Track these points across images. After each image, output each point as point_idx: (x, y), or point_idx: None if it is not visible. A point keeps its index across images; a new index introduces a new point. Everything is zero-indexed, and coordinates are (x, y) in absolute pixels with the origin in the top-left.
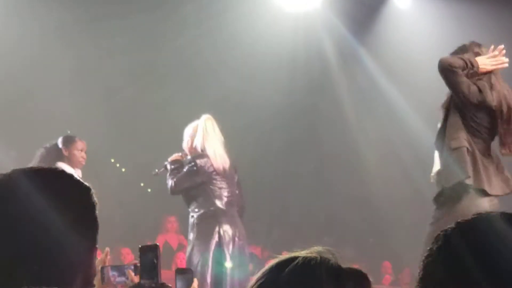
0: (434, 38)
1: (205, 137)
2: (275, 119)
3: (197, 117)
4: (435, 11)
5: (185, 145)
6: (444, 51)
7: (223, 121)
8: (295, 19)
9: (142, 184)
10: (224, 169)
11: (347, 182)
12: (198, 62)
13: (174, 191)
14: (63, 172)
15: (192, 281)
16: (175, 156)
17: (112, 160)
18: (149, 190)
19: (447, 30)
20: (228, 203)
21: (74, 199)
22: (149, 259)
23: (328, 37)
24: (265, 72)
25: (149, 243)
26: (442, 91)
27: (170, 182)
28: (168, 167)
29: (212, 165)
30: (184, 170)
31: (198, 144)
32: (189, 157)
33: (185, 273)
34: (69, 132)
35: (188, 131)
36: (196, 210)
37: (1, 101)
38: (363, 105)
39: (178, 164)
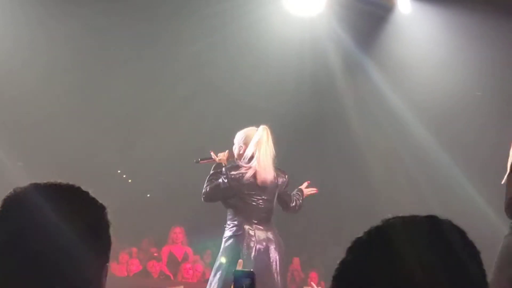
0: (439, 46)
1: (258, 147)
2: (281, 128)
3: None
4: (440, 20)
5: (236, 150)
6: (449, 60)
7: (230, 128)
8: (301, 30)
9: (148, 195)
10: (265, 183)
11: (353, 190)
12: (208, 71)
13: (204, 200)
14: (79, 189)
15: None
16: (222, 156)
17: (119, 171)
18: (147, 194)
19: (452, 38)
20: (260, 219)
21: (88, 216)
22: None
23: (333, 46)
24: (271, 81)
25: (241, 269)
26: (446, 100)
27: (203, 190)
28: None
29: (252, 176)
30: (218, 181)
31: (249, 153)
32: (227, 165)
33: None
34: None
35: (241, 136)
36: (228, 223)
37: (9, 112)
38: (368, 114)
39: (219, 169)
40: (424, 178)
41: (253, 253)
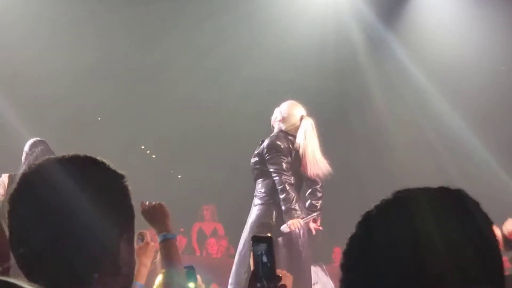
0: (462, 20)
1: (307, 139)
2: (305, 104)
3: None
4: None
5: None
6: (473, 34)
7: (254, 105)
8: (324, 5)
9: (172, 171)
10: (318, 175)
11: (377, 165)
12: (230, 47)
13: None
14: (96, 159)
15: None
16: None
17: (143, 147)
18: (179, 176)
19: (476, 13)
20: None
21: (105, 185)
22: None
23: (357, 22)
24: (295, 57)
25: (260, 235)
26: (470, 75)
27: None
28: None
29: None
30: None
31: (300, 144)
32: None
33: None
34: (99, 119)
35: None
36: (263, 191)
37: (31, 88)
38: (391, 89)
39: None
40: (447, 151)
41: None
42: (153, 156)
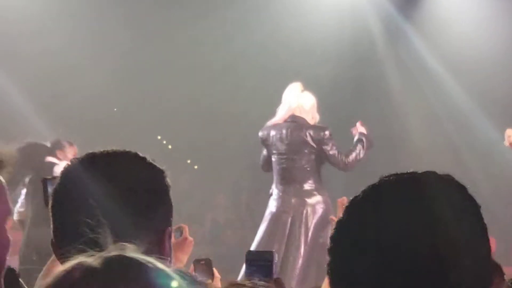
0: (481, 9)
1: None
2: (321, 93)
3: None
4: None
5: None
6: (492, 23)
7: (271, 93)
8: None
9: (188, 161)
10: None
11: (394, 155)
12: (247, 38)
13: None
14: (136, 154)
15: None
16: None
17: (159, 137)
18: (195, 167)
19: (496, 4)
20: None
21: (149, 181)
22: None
23: (374, 12)
24: (311, 46)
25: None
26: (489, 65)
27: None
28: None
29: None
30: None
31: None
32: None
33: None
34: (115, 110)
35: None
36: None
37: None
38: (408, 79)
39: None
40: (464, 142)
41: None
42: (169, 147)
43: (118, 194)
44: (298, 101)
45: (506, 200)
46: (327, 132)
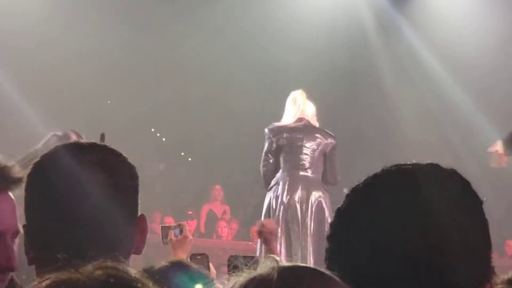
0: (475, 6)
1: None
2: (314, 86)
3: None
4: None
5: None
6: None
7: (263, 87)
8: None
9: (182, 154)
10: None
11: (386, 150)
12: (236, 32)
13: None
14: (105, 146)
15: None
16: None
17: (153, 130)
18: (189, 159)
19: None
20: None
21: (118, 175)
22: None
23: (368, 5)
24: (304, 39)
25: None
26: (483, 59)
27: None
28: None
29: None
30: None
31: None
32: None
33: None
34: (109, 102)
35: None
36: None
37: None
38: (401, 73)
39: None
40: (458, 138)
41: None
42: (163, 139)
43: (88, 187)
44: (305, 107)
45: (500, 194)
46: (335, 141)
